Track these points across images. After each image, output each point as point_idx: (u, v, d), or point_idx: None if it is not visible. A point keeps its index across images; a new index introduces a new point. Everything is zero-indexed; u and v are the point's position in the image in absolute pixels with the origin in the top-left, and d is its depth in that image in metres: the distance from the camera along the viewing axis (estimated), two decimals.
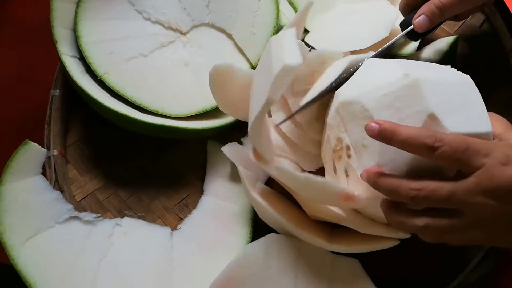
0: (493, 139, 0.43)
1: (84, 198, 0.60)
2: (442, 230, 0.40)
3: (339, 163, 0.48)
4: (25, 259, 0.52)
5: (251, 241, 0.53)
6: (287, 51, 0.43)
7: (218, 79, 0.52)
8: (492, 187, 0.38)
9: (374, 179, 0.41)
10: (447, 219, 0.40)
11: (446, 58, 0.61)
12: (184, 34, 0.63)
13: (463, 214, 0.39)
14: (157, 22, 0.63)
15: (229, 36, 0.63)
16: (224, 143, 0.58)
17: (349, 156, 0.46)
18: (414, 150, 0.39)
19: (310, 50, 0.53)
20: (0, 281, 0.59)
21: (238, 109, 0.55)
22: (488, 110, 0.61)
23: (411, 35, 0.56)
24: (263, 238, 0.51)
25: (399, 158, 0.42)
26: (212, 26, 0.64)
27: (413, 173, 0.41)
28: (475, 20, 0.66)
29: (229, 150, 0.57)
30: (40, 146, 0.58)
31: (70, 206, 0.56)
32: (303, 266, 0.51)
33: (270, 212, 0.49)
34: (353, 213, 0.49)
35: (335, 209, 0.48)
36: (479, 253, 0.54)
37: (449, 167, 0.41)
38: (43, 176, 0.57)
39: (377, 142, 0.41)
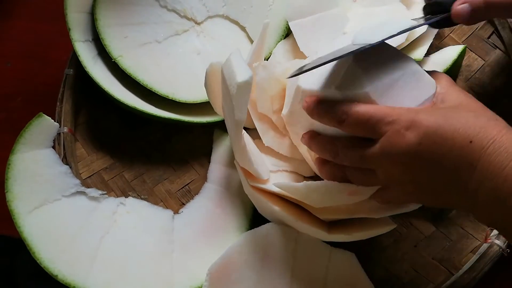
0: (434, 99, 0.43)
1: (89, 176, 0.61)
2: (364, 183, 0.44)
3: None
4: (30, 228, 0.53)
5: (251, 229, 0.54)
6: (236, 70, 0.45)
7: (213, 77, 0.53)
8: (394, 152, 0.40)
9: (309, 140, 0.46)
10: (365, 175, 0.43)
11: (453, 66, 0.62)
12: (198, 24, 0.65)
13: (376, 173, 0.42)
14: (173, 10, 0.64)
15: (243, 29, 0.65)
16: None
17: None
18: (328, 122, 0.43)
19: None
20: (5, 253, 0.61)
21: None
22: None
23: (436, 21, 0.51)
24: (262, 226, 0.53)
25: None
26: (227, 18, 0.65)
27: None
28: (484, 31, 0.67)
29: None
30: (53, 120, 0.59)
31: (77, 181, 0.58)
32: (300, 257, 0.52)
33: (268, 205, 0.50)
34: (364, 202, 0.49)
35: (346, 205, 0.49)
36: (473, 255, 0.55)
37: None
38: (53, 150, 0.59)
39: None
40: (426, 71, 0.46)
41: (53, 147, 0.59)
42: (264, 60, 0.59)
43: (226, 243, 0.54)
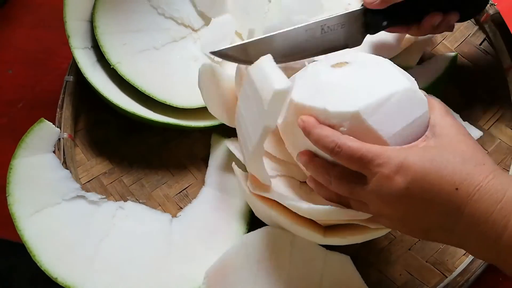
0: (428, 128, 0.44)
1: (89, 181, 0.62)
2: (358, 209, 0.45)
3: None
4: (31, 231, 0.54)
5: (248, 232, 0.55)
6: (272, 76, 0.43)
7: (207, 78, 0.53)
8: (383, 193, 0.41)
9: (306, 162, 0.46)
10: (358, 204, 0.44)
11: (445, 73, 0.63)
12: (195, 31, 0.66)
13: (367, 204, 0.43)
14: (170, 18, 0.65)
15: (239, 35, 0.66)
16: (227, 137, 0.61)
17: None
18: (322, 149, 0.43)
19: None
20: (4, 257, 0.62)
21: (223, 113, 0.56)
22: (485, 125, 0.64)
23: (366, 25, 0.54)
24: (259, 229, 0.53)
25: None
26: None
27: None
28: (475, 38, 0.68)
29: (233, 144, 0.59)
30: (54, 125, 0.60)
31: (77, 186, 0.59)
32: (296, 260, 0.52)
33: (265, 209, 0.50)
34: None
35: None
36: (466, 258, 0.56)
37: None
38: (54, 155, 0.60)
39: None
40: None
41: (54, 152, 0.60)
42: None
43: (223, 246, 0.55)
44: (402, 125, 0.43)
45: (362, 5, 0.54)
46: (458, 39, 0.68)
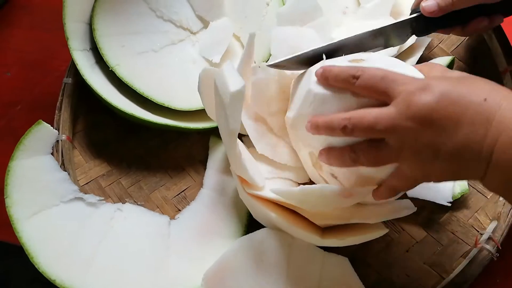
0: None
1: (87, 183, 0.62)
2: (373, 161, 0.43)
3: (322, 172, 0.50)
4: (29, 233, 0.54)
5: (246, 234, 0.55)
6: (228, 80, 0.46)
7: (206, 82, 0.53)
8: (411, 113, 0.40)
9: (314, 122, 0.45)
10: (376, 149, 0.43)
11: None
12: (194, 33, 0.66)
13: (389, 144, 0.42)
14: (169, 20, 0.65)
15: (237, 38, 0.66)
16: None
17: None
18: (342, 82, 0.44)
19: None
20: (2, 259, 0.61)
21: None
22: None
23: (416, 29, 0.57)
24: (257, 231, 0.53)
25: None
26: None
27: None
28: (472, 41, 0.68)
29: None
30: (52, 127, 0.60)
31: (76, 187, 0.59)
32: (294, 262, 0.53)
33: (263, 211, 0.50)
34: (358, 208, 0.50)
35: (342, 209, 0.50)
36: (464, 260, 0.56)
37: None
38: (52, 156, 0.60)
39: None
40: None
41: (52, 154, 0.60)
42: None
43: (221, 248, 0.55)
44: None
45: (416, 12, 0.56)
46: (455, 43, 0.68)
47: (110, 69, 0.61)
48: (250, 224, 0.57)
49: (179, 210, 0.61)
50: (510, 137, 0.38)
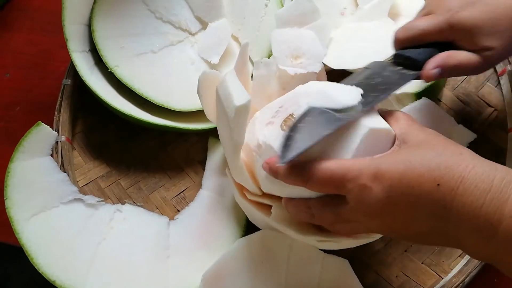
0: (396, 140, 0.42)
1: (86, 184, 0.62)
2: (348, 233, 0.44)
3: None
4: (29, 234, 0.54)
5: (245, 235, 0.55)
6: (233, 93, 0.45)
7: (206, 85, 0.53)
8: (366, 207, 0.39)
9: (285, 203, 0.45)
10: (345, 227, 0.42)
11: (432, 88, 0.63)
12: (192, 34, 0.67)
13: (355, 223, 0.42)
14: (168, 22, 0.66)
15: (236, 39, 0.67)
16: None
17: None
18: (293, 182, 0.41)
19: None
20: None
21: None
22: (479, 128, 0.64)
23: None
24: (256, 232, 0.53)
25: None
26: None
27: None
28: None
29: None
30: (51, 129, 0.61)
31: (75, 189, 0.59)
32: (294, 263, 0.52)
33: (259, 215, 0.50)
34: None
35: None
36: (462, 259, 0.56)
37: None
38: (51, 158, 0.60)
39: None
40: (384, 111, 0.45)
41: (51, 155, 0.60)
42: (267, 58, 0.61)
43: (220, 249, 0.55)
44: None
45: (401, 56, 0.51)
46: None
47: (109, 70, 0.61)
48: (249, 225, 0.57)
49: (178, 210, 0.61)
50: (473, 230, 0.36)
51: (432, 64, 0.47)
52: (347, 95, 0.44)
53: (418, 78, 0.48)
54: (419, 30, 0.48)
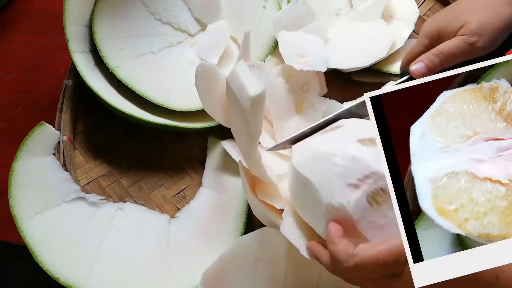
0: None
1: (88, 183, 0.63)
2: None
3: None
4: (32, 232, 0.55)
5: (244, 233, 0.56)
6: (246, 83, 0.44)
7: (203, 76, 0.53)
8: None
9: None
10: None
11: None
12: (192, 36, 0.68)
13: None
14: (167, 23, 0.67)
15: (234, 40, 0.68)
16: (224, 138, 0.62)
17: None
18: (341, 274, 0.43)
19: None
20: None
21: (219, 113, 0.57)
22: None
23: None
24: (257, 230, 0.54)
25: None
26: None
27: None
28: None
29: (229, 145, 0.60)
30: (54, 129, 0.61)
31: (77, 187, 0.59)
32: (293, 261, 0.53)
33: (262, 209, 0.50)
34: None
35: None
36: None
37: None
38: (54, 157, 0.60)
39: None
40: None
41: (53, 154, 0.61)
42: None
43: (220, 247, 0.56)
44: None
45: (405, 74, 0.55)
46: None
47: (110, 71, 0.62)
48: (249, 223, 0.58)
49: (179, 209, 0.62)
50: None
51: (416, 60, 0.53)
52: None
53: (410, 78, 0.52)
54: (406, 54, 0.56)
